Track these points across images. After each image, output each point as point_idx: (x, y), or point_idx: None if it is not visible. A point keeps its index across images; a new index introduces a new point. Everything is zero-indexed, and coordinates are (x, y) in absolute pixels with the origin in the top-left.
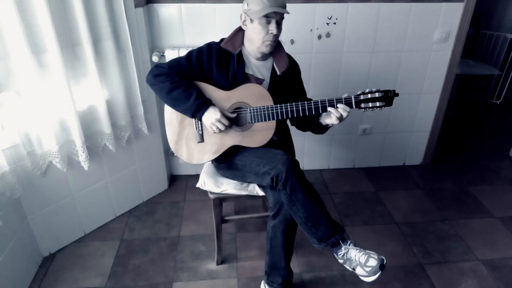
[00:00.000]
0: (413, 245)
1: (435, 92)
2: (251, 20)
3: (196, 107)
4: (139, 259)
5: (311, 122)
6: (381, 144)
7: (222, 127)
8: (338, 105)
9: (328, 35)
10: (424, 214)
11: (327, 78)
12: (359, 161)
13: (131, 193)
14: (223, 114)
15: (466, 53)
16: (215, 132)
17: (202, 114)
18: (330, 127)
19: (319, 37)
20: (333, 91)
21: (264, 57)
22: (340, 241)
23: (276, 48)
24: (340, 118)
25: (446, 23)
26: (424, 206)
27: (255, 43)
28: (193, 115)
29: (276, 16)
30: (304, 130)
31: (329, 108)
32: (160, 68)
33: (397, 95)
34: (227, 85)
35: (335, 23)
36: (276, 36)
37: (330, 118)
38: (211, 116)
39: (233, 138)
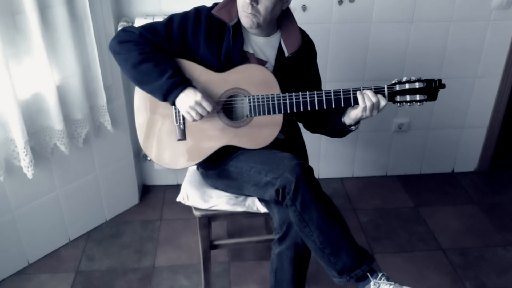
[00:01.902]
0: (465, 279)
1: (495, 75)
2: None
3: (169, 86)
4: None
5: (327, 120)
6: (422, 144)
7: (203, 112)
8: (365, 91)
9: None
10: (480, 237)
11: (350, 58)
12: (393, 167)
13: (90, 210)
14: (205, 98)
15: None
16: (194, 120)
17: (177, 96)
18: (352, 130)
19: (340, 2)
20: (359, 75)
21: (268, 31)
22: (368, 274)
23: (285, 21)
24: (364, 108)
25: None
26: (480, 226)
27: (238, 12)
28: (164, 97)
29: None
30: (313, 131)
31: (361, 93)
32: (129, 33)
33: (443, 86)
34: (218, 65)
35: None
36: (255, 9)
37: (355, 110)
38: (188, 99)
39: (226, 136)
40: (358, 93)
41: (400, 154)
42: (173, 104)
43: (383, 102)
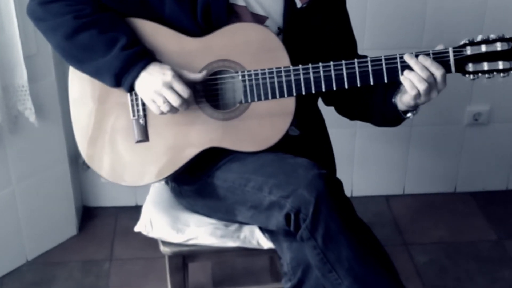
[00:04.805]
0: None
1: None
2: None
3: (123, 62)
4: None
5: (370, 101)
6: (509, 144)
7: (175, 101)
8: (420, 59)
9: None
10: None
11: (401, 12)
12: (466, 180)
13: (3, 245)
14: (179, 75)
15: None
16: (162, 113)
17: (136, 76)
18: (408, 118)
19: None
20: (413, 38)
21: None
22: None
23: None
24: (417, 95)
25: None
26: None
27: None
28: (116, 79)
29: None
30: (352, 118)
31: (404, 75)
32: None
33: None
34: (194, 26)
35: None
36: None
37: (406, 94)
38: (153, 80)
39: (210, 134)
40: (402, 77)
41: (477, 159)
42: (131, 89)
43: (438, 72)
